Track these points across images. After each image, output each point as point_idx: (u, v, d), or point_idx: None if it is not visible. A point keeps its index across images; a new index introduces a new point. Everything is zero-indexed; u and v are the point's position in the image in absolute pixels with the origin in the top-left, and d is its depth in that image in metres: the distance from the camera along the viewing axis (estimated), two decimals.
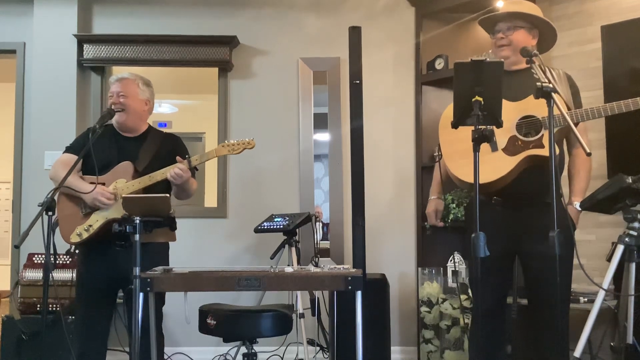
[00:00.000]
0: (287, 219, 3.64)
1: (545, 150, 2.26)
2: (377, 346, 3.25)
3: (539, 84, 2.05)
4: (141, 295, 2.26)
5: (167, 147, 2.91)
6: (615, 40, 3.44)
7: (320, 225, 4.19)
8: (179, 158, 2.76)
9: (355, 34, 3.02)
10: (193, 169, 2.80)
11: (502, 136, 2.46)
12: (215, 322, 2.92)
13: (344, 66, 4.01)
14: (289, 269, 2.38)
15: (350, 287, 2.24)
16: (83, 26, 4.27)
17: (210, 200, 4.40)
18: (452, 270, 3.58)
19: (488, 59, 2.05)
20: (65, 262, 3.58)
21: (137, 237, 2.32)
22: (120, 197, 2.59)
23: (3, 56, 4.45)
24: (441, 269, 3.68)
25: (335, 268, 2.43)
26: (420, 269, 3.81)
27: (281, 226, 3.60)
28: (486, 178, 2.40)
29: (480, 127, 1.99)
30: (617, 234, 2.43)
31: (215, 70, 4.35)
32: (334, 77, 4.27)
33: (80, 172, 2.82)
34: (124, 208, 2.39)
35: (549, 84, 2.05)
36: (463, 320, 3.40)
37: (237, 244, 4.22)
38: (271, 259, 3.57)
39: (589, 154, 2.07)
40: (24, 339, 3.40)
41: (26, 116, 4.24)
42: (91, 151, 2.59)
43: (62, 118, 4.13)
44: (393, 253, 4.16)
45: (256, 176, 4.25)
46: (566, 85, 2.58)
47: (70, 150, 2.88)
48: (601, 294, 2.39)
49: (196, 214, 4.23)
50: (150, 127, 2.98)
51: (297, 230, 3.63)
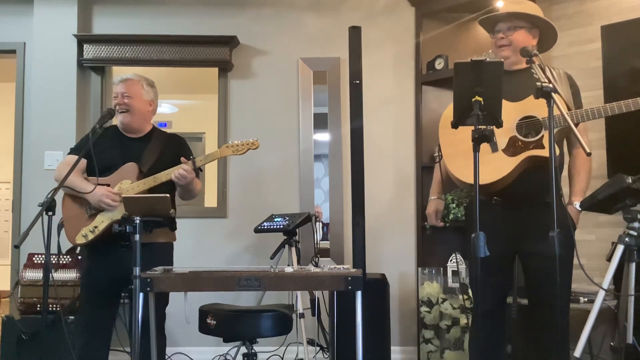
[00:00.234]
0: (287, 219, 3.64)
1: (546, 151, 2.26)
2: (377, 346, 3.25)
3: (538, 84, 2.04)
4: (141, 295, 2.26)
5: (172, 148, 2.91)
6: (615, 40, 3.44)
7: (320, 225, 4.19)
8: (183, 159, 2.76)
9: (355, 33, 3.02)
10: (197, 170, 2.80)
11: (503, 137, 2.46)
12: (215, 322, 2.92)
13: (344, 66, 4.01)
14: (289, 269, 2.38)
15: (350, 287, 2.23)
16: (83, 26, 4.27)
17: (210, 200, 4.40)
18: (452, 270, 3.58)
19: (488, 59, 2.04)
20: (65, 262, 3.58)
21: (137, 237, 2.32)
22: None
23: (3, 56, 4.45)
24: (441, 269, 3.68)
25: (335, 268, 2.43)
26: (420, 269, 3.81)
27: (281, 226, 3.59)
28: (486, 179, 2.40)
29: (480, 127, 1.99)
30: (617, 234, 2.44)
31: (215, 70, 4.34)
32: (334, 77, 4.27)
33: (85, 174, 2.82)
34: (125, 208, 2.40)
35: (549, 84, 2.05)
36: (468, 320, 3.39)
37: (237, 244, 4.22)
38: (271, 259, 3.56)
39: (589, 154, 2.07)
40: (24, 339, 3.40)
41: (26, 116, 4.24)
42: (91, 151, 2.59)
43: (62, 118, 4.14)
44: (393, 253, 4.16)
45: (256, 176, 4.25)
46: (566, 85, 2.58)
47: (74, 151, 2.88)
48: (601, 294, 2.39)
49: (196, 213, 4.23)
50: (155, 128, 2.98)
51: (297, 230, 3.63)
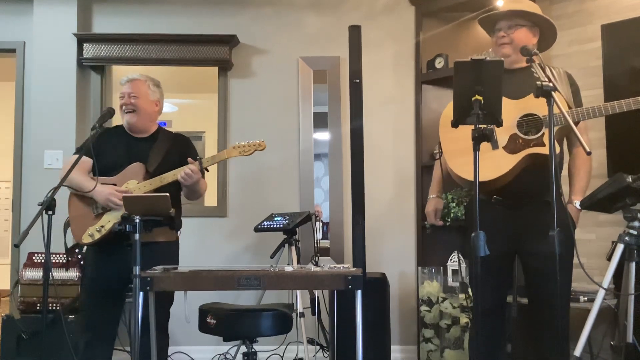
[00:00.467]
0: (287, 218, 3.63)
1: (546, 149, 2.25)
2: (377, 345, 3.25)
3: (538, 83, 2.05)
4: (141, 294, 2.26)
5: (178, 148, 2.92)
6: (615, 39, 3.43)
7: (320, 225, 4.19)
8: (190, 159, 2.76)
9: (355, 33, 3.02)
10: (203, 170, 2.81)
11: (503, 134, 2.46)
12: (215, 321, 2.92)
13: (344, 65, 4.01)
14: (289, 268, 2.38)
15: (350, 287, 2.23)
16: (83, 25, 4.27)
17: (210, 199, 4.39)
18: (452, 270, 3.57)
19: (488, 58, 2.04)
20: (65, 262, 3.58)
21: (137, 237, 2.32)
22: None
23: (3, 55, 4.44)
24: (441, 268, 3.67)
25: (335, 267, 2.43)
26: (420, 268, 3.81)
27: (281, 225, 3.59)
28: (487, 176, 2.40)
29: (480, 126, 1.99)
30: (617, 233, 2.44)
31: (215, 69, 4.34)
32: (334, 76, 4.26)
33: (91, 173, 2.82)
34: (125, 207, 2.40)
35: (549, 82, 2.05)
36: (468, 320, 3.39)
37: (237, 243, 4.22)
38: (271, 258, 3.57)
39: (589, 153, 2.08)
40: (24, 338, 3.40)
41: (26, 115, 4.24)
42: (91, 151, 2.60)
43: (62, 117, 4.13)
44: (393, 252, 4.16)
45: (256, 175, 4.25)
46: (566, 84, 2.58)
47: (79, 151, 2.89)
48: (601, 293, 2.39)
49: (196, 213, 4.22)
50: (160, 128, 2.98)
51: (297, 229, 3.63)
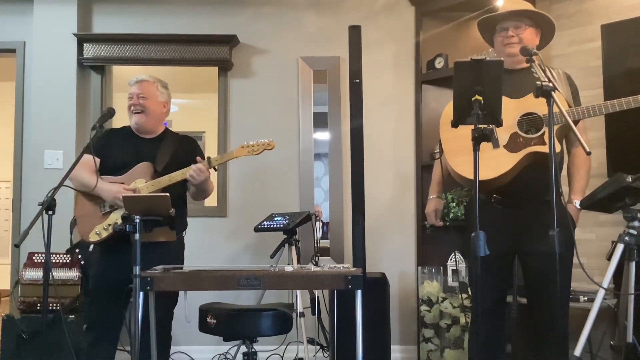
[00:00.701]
0: (287, 218, 3.63)
1: (547, 147, 2.26)
2: (377, 345, 3.24)
3: (538, 83, 2.05)
4: (141, 294, 2.26)
5: (185, 149, 2.93)
6: (615, 39, 3.43)
7: (320, 224, 4.19)
8: (199, 158, 2.77)
9: (355, 33, 3.02)
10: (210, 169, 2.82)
11: (504, 133, 2.46)
12: (215, 321, 2.92)
13: (344, 65, 4.01)
14: (289, 268, 2.38)
15: (350, 286, 2.24)
16: (83, 25, 4.27)
17: (210, 199, 4.37)
18: (452, 269, 3.58)
19: (488, 58, 2.05)
20: (65, 262, 3.58)
21: (137, 236, 2.32)
22: None
23: (3, 55, 4.44)
24: (441, 268, 3.68)
25: (335, 267, 2.43)
26: (420, 267, 3.81)
27: (281, 225, 3.59)
28: (488, 175, 2.40)
29: (480, 126, 1.99)
30: (617, 233, 2.44)
31: (215, 69, 4.34)
32: (334, 76, 4.26)
33: (99, 173, 2.82)
34: (125, 207, 2.40)
35: (549, 82, 2.05)
36: (468, 319, 3.39)
37: (237, 243, 4.22)
38: (271, 258, 3.56)
39: (589, 153, 2.08)
40: (24, 338, 3.40)
41: (26, 115, 4.24)
42: (91, 150, 2.60)
43: (62, 117, 4.13)
44: (393, 252, 4.16)
45: (256, 175, 4.25)
46: (566, 85, 2.58)
47: (87, 150, 2.89)
48: (601, 293, 2.39)
49: (196, 212, 4.21)
50: (167, 129, 3.00)
51: (297, 229, 3.62)
